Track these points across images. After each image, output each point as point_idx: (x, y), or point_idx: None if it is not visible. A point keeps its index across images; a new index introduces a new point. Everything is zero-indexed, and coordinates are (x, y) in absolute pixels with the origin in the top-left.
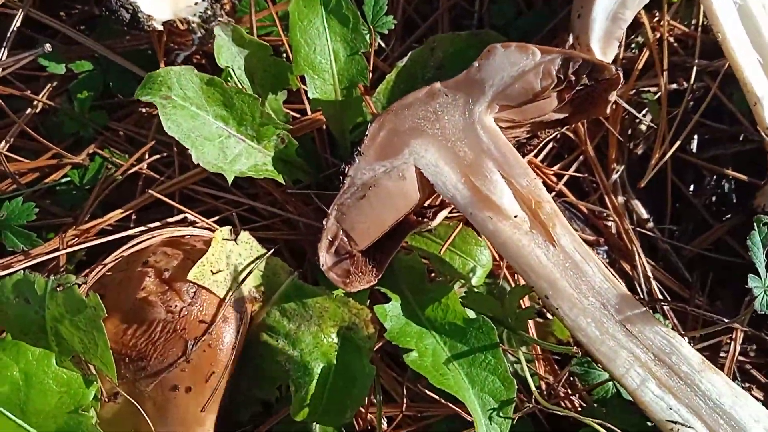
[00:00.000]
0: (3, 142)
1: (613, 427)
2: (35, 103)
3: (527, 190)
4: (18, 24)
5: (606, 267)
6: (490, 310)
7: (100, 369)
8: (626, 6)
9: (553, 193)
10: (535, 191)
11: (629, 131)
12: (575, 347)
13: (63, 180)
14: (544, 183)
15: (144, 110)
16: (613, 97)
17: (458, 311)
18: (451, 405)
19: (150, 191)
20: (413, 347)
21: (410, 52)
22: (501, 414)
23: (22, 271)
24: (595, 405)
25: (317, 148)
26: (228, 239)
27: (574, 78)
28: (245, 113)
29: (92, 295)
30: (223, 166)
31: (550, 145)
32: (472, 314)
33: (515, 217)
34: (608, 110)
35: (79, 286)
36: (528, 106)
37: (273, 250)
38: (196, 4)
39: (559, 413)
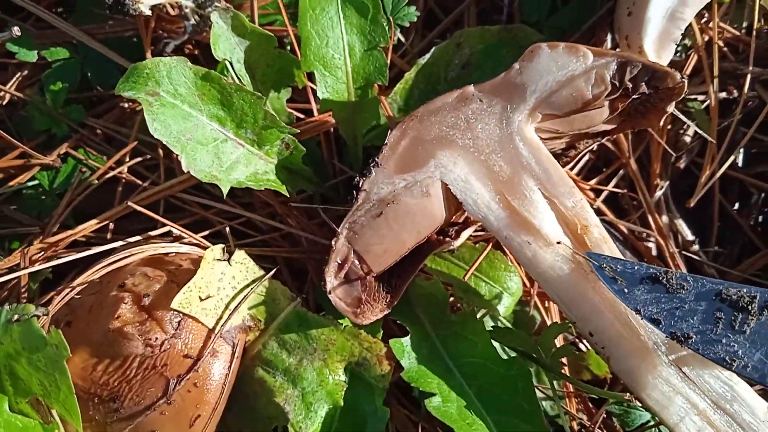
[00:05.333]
0: None
1: None
2: (2, 94)
3: (573, 213)
4: None
5: None
6: (522, 347)
7: (62, 416)
8: (686, 4)
9: None
10: (582, 214)
11: (673, 143)
12: (628, 395)
13: (30, 183)
14: None
15: (126, 105)
16: (671, 108)
17: (487, 349)
18: None
19: (129, 202)
20: (435, 390)
21: (433, 48)
22: None
23: None
24: None
25: (323, 155)
26: (220, 259)
27: (631, 86)
28: (246, 114)
29: (54, 332)
30: (218, 174)
31: (586, 157)
32: (502, 351)
33: (557, 243)
34: (661, 122)
35: (39, 318)
36: (575, 116)
37: (273, 272)
38: None
39: None
